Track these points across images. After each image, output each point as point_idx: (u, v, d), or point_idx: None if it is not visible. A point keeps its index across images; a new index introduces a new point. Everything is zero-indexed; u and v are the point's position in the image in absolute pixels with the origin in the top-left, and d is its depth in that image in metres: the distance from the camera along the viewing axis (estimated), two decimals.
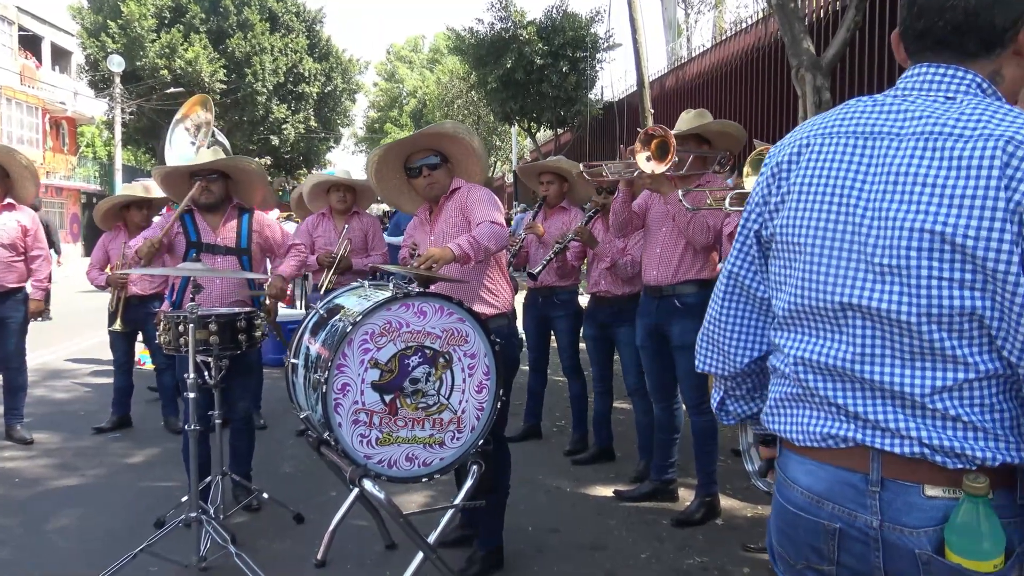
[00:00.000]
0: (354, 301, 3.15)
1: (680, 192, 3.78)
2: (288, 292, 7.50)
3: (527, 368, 5.61)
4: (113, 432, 5.68)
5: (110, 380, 6.00)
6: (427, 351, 3.01)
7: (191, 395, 3.35)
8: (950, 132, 1.28)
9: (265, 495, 4.07)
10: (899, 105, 1.38)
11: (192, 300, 3.34)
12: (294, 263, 4.36)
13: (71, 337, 9.80)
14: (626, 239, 4.57)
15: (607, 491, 4.54)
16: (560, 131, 22.36)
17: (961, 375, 1.27)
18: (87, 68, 30.93)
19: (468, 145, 3.43)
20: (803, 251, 1.43)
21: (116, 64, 28.19)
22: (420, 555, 2.99)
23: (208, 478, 3.87)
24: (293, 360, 3.22)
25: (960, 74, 1.35)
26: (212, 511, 3.70)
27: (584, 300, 5.23)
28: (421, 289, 3.06)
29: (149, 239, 3.88)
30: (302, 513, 4.06)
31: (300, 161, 37.24)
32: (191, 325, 3.30)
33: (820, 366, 1.41)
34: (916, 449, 1.30)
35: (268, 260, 4.61)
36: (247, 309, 3.79)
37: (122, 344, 5.84)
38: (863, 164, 1.37)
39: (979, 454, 1.26)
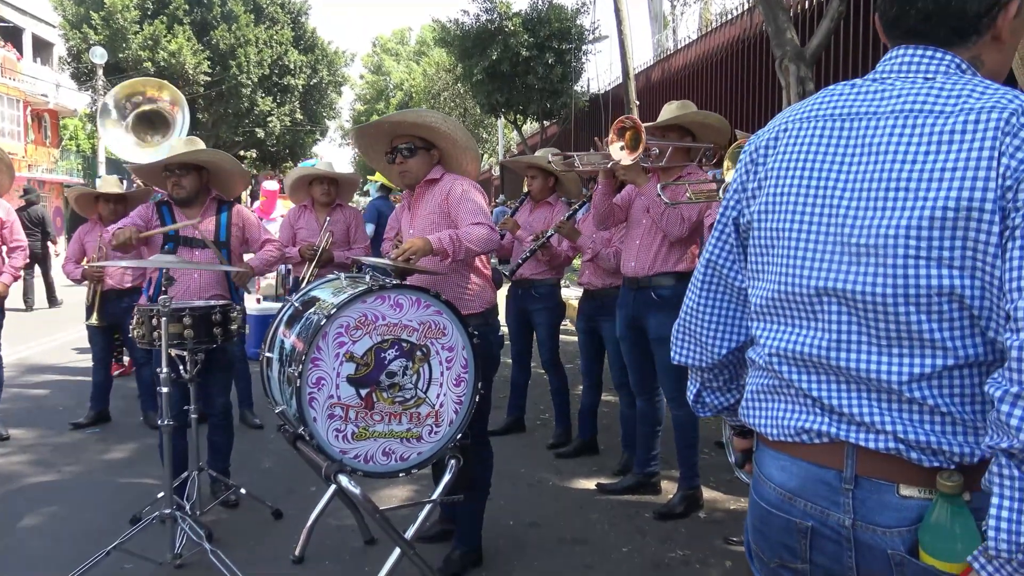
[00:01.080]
0: (329, 294, 3.10)
1: (659, 186, 3.75)
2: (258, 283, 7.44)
3: (511, 360, 5.58)
4: (91, 428, 5.60)
5: (90, 376, 5.92)
6: (404, 344, 2.96)
7: (164, 390, 3.30)
8: (930, 109, 1.25)
9: (243, 490, 4.03)
10: (877, 87, 1.35)
11: (164, 293, 3.28)
12: (266, 257, 4.30)
13: (51, 332, 9.68)
14: (610, 231, 4.55)
15: (590, 484, 4.51)
16: (547, 123, 22.29)
17: (940, 361, 1.22)
18: (69, 60, 30.54)
19: (441, 131, 3.36)
20: (779, 236, 1.40)
21: (99, 56, 27.84)
22: (397, 551, 2.96)
23: (184, 474, 3.81)
24: (268, 354, 3.17)
25: (939, 55, 1.32)
26: (188, 507, 3.65)
27: (574, 293, 5.21)
28: (397, 281, 3.02)
29: (128, 227, 3.82)
30: (281, 509, 4.02)
31: (286, 154, 36.97)
32: (163, 319, 3.24)
33: (795, 356, 1.37)
34: (891, 444, 1.26)
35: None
36: (223, 302, 3.74)
37: (100, 339, 5.77)
38: (840, 146, 1.35)
39: (956, 449, 1.22)
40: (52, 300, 12.16)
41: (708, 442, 5.03)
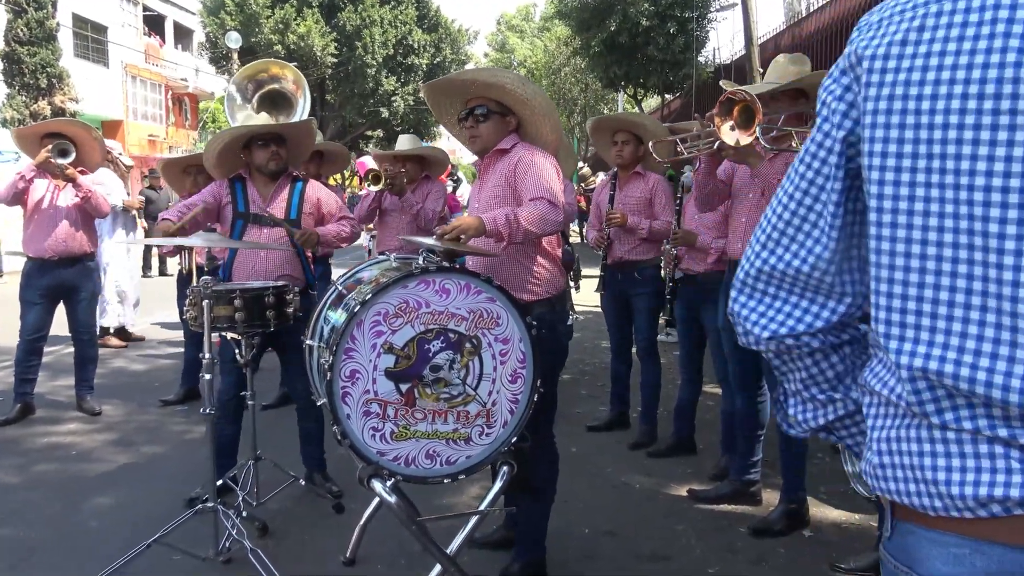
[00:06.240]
0: (373, 276, 2.81)
1: (769, 147, 3.25)
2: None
3: (611, 351, 5.19)
4: (180, 405, 5.61)
5: None
6: (451, 335, 2.63)
7: (206, 376, 3.11)
8: None
9: (301, 482, 3.84)
10: None
11: (207, 274, 3.08)
12: (337, 230, 4.01)
13: (166, 306, 9.97)
14: (719, 213, 4.05)
15: (681, 490, 4.07)
16: (668, 97, 21.46)
17: None
18: (207, 46, 32.05)
19: (517, 95, 2.98)
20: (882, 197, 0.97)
21: (233, 41, 28.99)
22: (439, 567, 2.65)
23: (239, 462, 3.65)
24: (309, 342, 2.92)
25: None
26: (242, 498, 3.48)
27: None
28: (444, 264, 2.68)
29: (171, 217, 3.65)
30: (344, 503, 3.80)
31: (410, 133, 37.57)
32: (205, 300, 3.04)
33: (951, 378, 0.90)
34: None
35: None
36: (278, 284, 3.51)
37: None
38: (952, 39, 0.88)
39: None
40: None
41: (821, 446, 4.46)
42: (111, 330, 7.76)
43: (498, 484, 2.71)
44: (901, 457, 0.97)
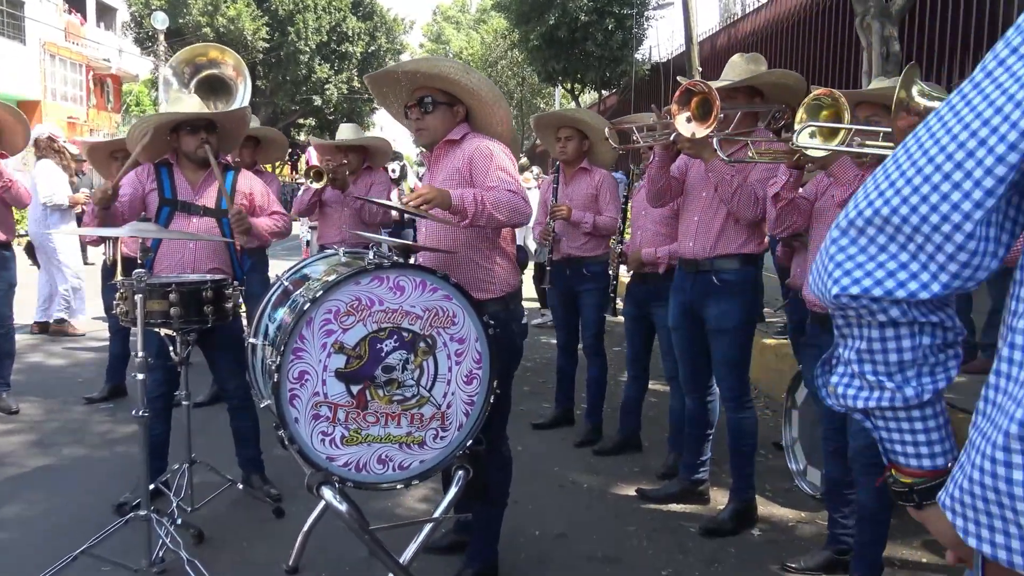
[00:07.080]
0: (321, 272, 2.67)
1: (726, 155, 3.22)
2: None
3: (557, 347, 5.12)
4: (104, 403, 5.32)
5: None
6: (404, 334, 2.52)
7: (139, 376, 2.91)
8: None
9: (240, 486, 3.66)
10: None
11: (142, 266, 2.89)
12: (270, 223, 3.81)
13: (89, 297, 9.51)
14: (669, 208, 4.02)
15: (629, 489, 4.03)
16: (605, 93, 21.54)
17: None
18: (132, 25, 30.86)
19: (463, 86, 2.85)
20: None
21: (160, 21, 27.96)
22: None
23: (174, 466, 3.46)
24: (252, 340, 2.76)
25: None
26: (176, 503, 3.29)
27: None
28: (398, 259, 2.56)
29: (105, 184, 3.42)
30: (285, 507, 3.64)
31: (343, 122, 36.86)
32: (138, 296, 2.84)
33: None
34: None
35: None
36: (218, 277, 3.33)
37: None
38: None
39: None
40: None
41: (765, 443, 4.49)
42: (62, 320, 7.53)
43: (453, 489, 2.61)
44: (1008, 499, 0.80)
